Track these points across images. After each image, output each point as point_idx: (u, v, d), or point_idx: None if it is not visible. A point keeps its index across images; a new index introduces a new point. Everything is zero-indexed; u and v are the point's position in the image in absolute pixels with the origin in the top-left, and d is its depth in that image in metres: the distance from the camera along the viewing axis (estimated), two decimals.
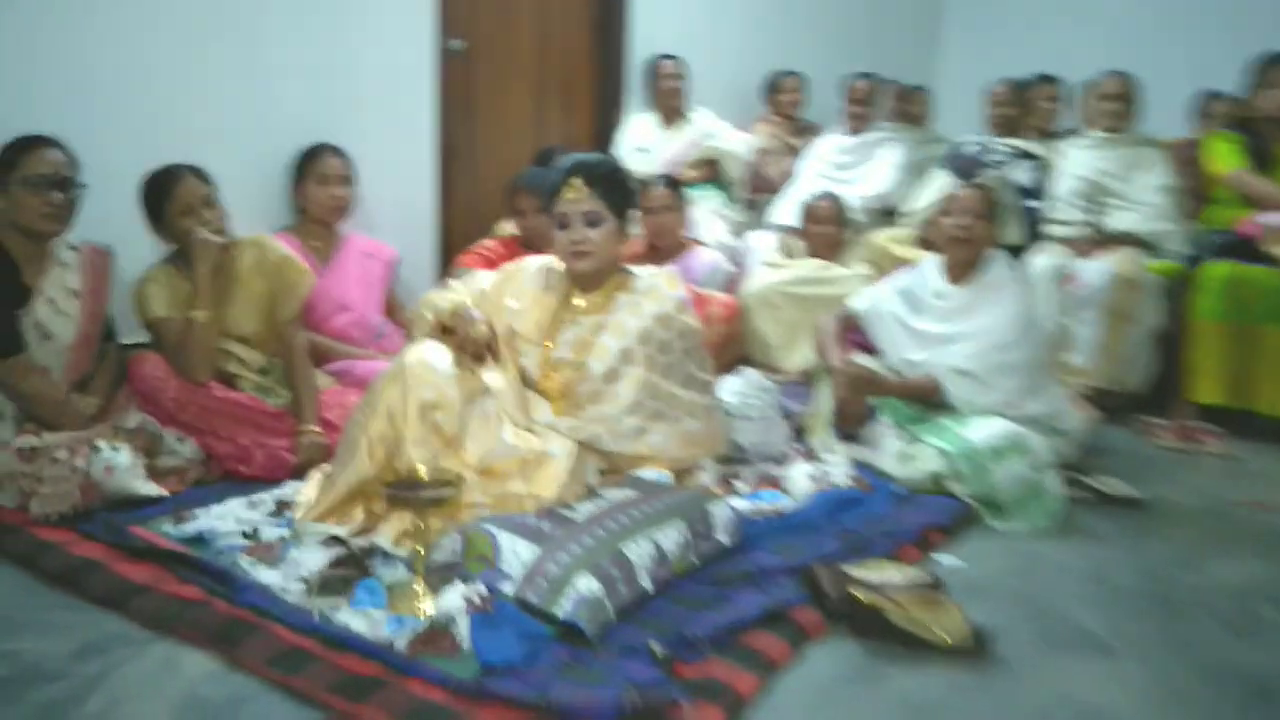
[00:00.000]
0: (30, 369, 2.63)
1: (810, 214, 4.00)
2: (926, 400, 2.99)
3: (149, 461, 2.64)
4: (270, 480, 2.71)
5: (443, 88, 4.15)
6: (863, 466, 2.88)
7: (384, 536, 2.23)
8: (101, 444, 2.52)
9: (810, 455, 2.98)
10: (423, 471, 2.09)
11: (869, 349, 3.21)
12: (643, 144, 4.80)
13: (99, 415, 2.73)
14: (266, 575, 2.16)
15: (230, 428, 2.77)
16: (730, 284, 3.94)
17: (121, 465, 2.52)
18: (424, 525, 2.05)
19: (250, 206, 3.34)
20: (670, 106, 4.87)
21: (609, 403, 2.43)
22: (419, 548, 2.07)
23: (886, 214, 4.74)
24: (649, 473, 2.47)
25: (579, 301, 2.55)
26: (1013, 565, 2.45)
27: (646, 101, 4.94)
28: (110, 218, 2.85)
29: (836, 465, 2.89)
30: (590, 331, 2.50)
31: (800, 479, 2.80)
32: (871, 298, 3.27)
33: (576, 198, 2.42)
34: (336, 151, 3.57)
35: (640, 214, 3.82)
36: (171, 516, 2.43)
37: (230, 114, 3.42)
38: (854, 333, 3.25)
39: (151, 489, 2.55)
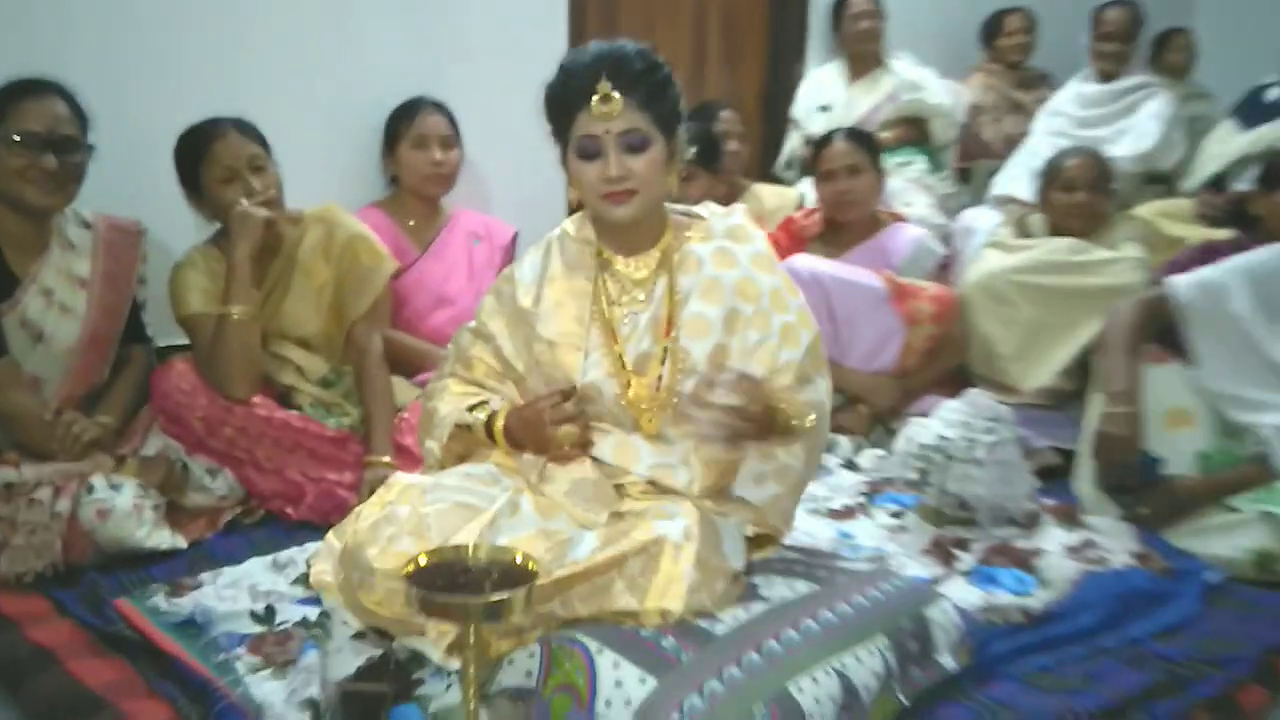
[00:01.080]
0: (12, 380, 2.23)
1: (1058, 177, 3.21)
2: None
3: (171, 500, 2.29)
4: (323, 525, 2.22)
5: (576, 30, 3.69)
6: (1152, 535, 2.22)
7: (429, 641, 1.60)
8: (97, 480, 2.14)
9: (1070, 516, 2.32)
10: (474, 551, 1.44)
11: (1176, 350, 2.42)
12: (826, 101, 4.26)
13: (116, 440, 2.33)
14: (266, 687, 1.66)
15: (277, 456, 2.37)
16: (940, 271, 3.22)
17: (120, 509, 2.13)
18: (477, 639, 1.39)
19: (333, 177, 3.03)
20: (863, 52, 4.27)
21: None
22: (471, 669, 1.41)
23: (1151, 182, 4.02)
24: None
25: (629, 269, 1.88)
26: None
27: (832, 48, 4.43)
28: (154, 192, 2.52)
29: (1112, 534, 2.20)
30: (665, 304, 1.84)
31: (1057, 554, 2.13)
32: (1205, 284, 2.40)
33: (609, 110, 1.73)
34: (437, 107, 3.14)
35: (817, 179, 3.18)
36: (168, 585, 2.00)
37: (307, 61, 3.03)
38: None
39: (162, 538, 2.19)
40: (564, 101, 1.75)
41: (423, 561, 1.42)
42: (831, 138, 3.18)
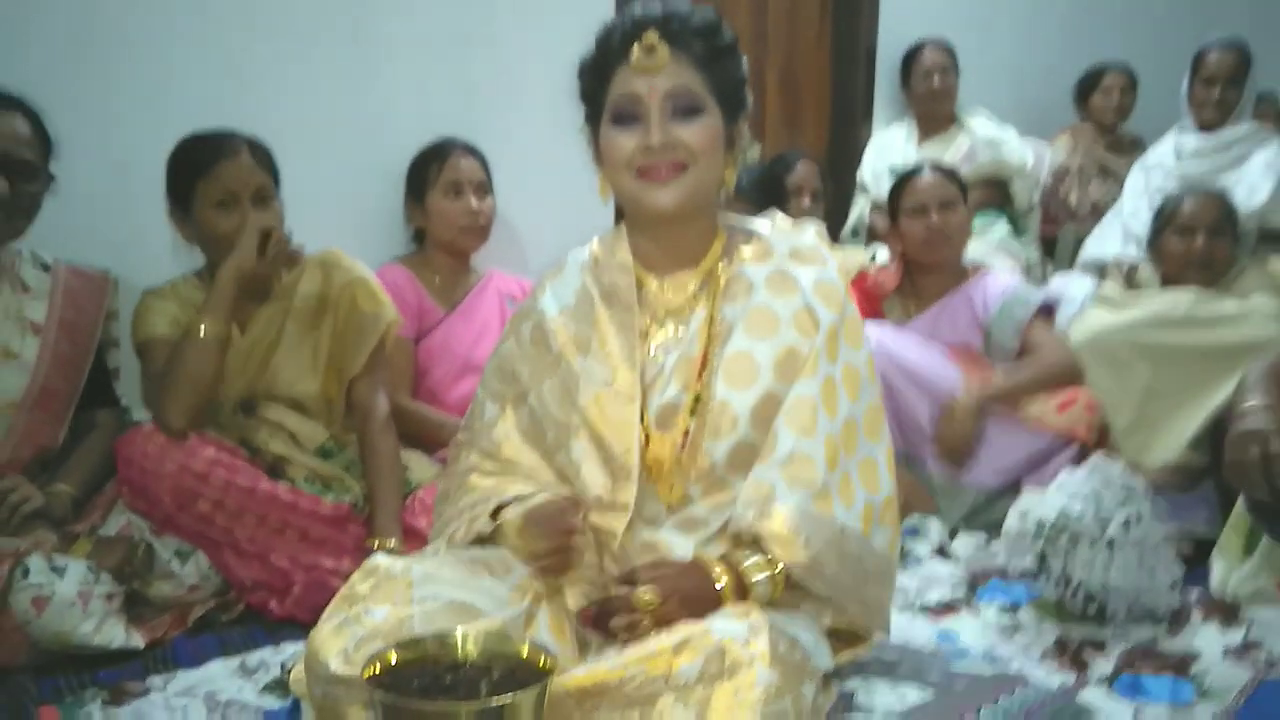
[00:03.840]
0: None
1: (1174, 219, 2.89)
2: None
3: (134, 590, 1.97)
4: (312, 624, 1.87)
5: None
6: None
7: None
8: (34, 561, 1.81)
9: (1226, 610, 2.01)
10: (464, 642, 1.09)
11: None
12: (895, 164, 4.06)
13: (74, 514, 2.03)
14: None
15: (260, 537, 2.06)
16: (1031, 328, 2.89)
17: (61, 597, 1.80)
18: None
19: (348, 228, 2.78)
20: (934, 111, 4.11)
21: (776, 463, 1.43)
22: None
23: (1266, 240, 3.68)
24: None
25: (662, 292, 1.58)
26: None
27: (901, 108, 4.29)
28: (133, 239, 2.32)
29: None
30: (702, 338, 1.54)
31: (1216, 657, 1.82)
32: None
33: (653, 64, 1.46)
34: (469, 150, 2.90)
35: (902, 216, 2.87)
36: (108, 691, 1.72)
37: (322, 93, 2.84)
38: None
39: (114, 635, 1.85)
40: (599, 60, 1.49)
41: (393, 659, 1.07)
42: (919, 170, 2.91)
